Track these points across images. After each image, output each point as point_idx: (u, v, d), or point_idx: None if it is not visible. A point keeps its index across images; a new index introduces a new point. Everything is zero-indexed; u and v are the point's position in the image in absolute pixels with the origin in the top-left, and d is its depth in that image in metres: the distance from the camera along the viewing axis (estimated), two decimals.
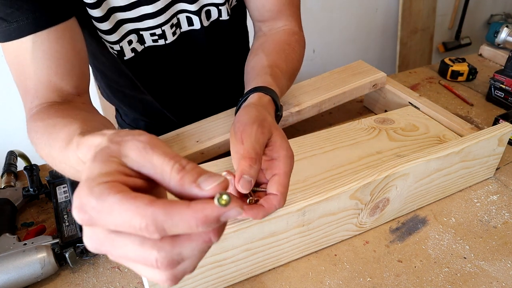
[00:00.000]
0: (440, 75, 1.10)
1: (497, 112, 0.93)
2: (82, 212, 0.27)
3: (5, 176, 0.69)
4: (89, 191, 0.27)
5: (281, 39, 0.71)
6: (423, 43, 2.53)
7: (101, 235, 0.27)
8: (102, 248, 0.28)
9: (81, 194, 0.27)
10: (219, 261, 0.50)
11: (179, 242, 0.27)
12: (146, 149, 0.29)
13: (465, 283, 0.55)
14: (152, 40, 0.68)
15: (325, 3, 2.10)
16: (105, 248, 0.28)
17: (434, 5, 2.47)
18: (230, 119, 0.73)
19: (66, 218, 0.60)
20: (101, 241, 0.27)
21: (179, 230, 0.26)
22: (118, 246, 0.27)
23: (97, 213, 0.26)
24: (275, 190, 0.43)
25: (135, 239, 0.27)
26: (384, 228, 0.64)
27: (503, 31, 1.13)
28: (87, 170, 0.28)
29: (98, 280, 0.55)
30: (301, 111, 0.76)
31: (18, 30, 0.51)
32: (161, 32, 0.67)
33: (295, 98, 0.78)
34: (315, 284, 0.55)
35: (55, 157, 0.46)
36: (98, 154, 0.29)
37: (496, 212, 0.67)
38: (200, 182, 0.28)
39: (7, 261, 0.52)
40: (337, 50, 2.32)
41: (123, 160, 0.29)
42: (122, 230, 0.26)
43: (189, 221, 0.26)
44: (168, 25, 0.67)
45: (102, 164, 0.28)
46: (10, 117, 1.59)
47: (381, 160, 0.68)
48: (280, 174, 0.44)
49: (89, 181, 0.27)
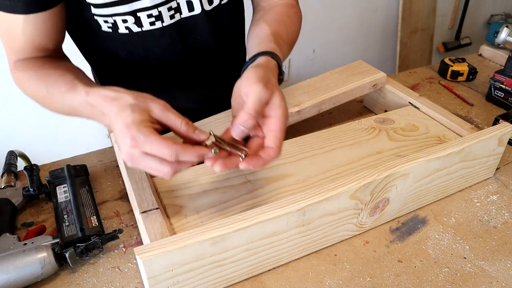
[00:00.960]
0: (440, 75, 1.10)
1: (497, 112, 0.93)
2: (133, 141, 0.46)
3: (5, 176, 0.69)
4: (138, 130, 0.46)
5: (280, 11, 0.74)
6: (423, 43, 2.53)
7: (136, 155, 0.47)
8: (135, 161, 0.48)
9: (133, 132, 0.46)
10: (219, 261, 0.50)
11: (182, 164, 0.48)
12: (165, 108, 0.50)
13: (465, 283, 0.55)
14: (149, 23, 0.68)
15: (325, 3, 2.10)
16: (137, 162, 0.47)
17: (434, 5, 2.47)
18: (229, 119, 0.73)
19: (66, 218, 0.60)
20: (136, 158, 0.47)
21: (185, 159, 0.47)
22: (147, 161, 0.47)
23: (142, 143, 0.46)
24: (272, 143, 0.51)
25: (158, 159, 0.47)
26: (384, 228, 0.64)
27: (503, 31, 1.13)
28: (129, 117, 0.47)
29: (98, 280, 0.55)
30: (301, 111, 0.76)
31: (11, 8, 0.58)
32: (158, 13, 0.67)
33: (295, 98, 0.78)
34: (315, 284, 0.55)
35: (52, 98, 0.60)
36: (135, 107, 0.48)
37: (496, 212, 0.67)
38: (196, 134, 0.50)
39: (7, 261, 0.52)
40: (337, 50, 2.32)
41: (150, 113, 0.49)
42: (154, 154, 0.46)
43: (192, 155, 0.48)
44: (166, 7, 0.67)
45: (141, 115, 0.48)
46: (10, 117, 1.59)
47: (381, 160, 0.68)
48: (276, 131, 0.51)
49: (136, 124, 0.47)
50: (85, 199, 0.64)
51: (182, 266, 0.48)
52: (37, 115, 1.61)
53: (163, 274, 0.47)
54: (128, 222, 0.64)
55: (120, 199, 0.68)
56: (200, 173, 0.64)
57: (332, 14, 2.15)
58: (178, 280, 0.49)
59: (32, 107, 1.58)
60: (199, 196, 0.60)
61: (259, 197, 0.60)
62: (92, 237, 0.57)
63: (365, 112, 0.94)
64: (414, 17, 2.41)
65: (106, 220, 0.64)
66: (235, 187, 0.61)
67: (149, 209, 0.55)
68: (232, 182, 0.62)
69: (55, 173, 0.67)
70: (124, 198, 0.68)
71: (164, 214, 0.56)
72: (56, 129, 1.69)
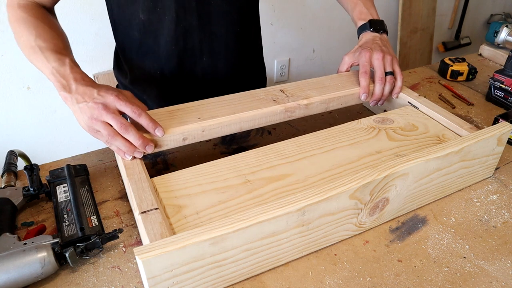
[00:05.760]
0: (440, 74, 1.10)
1: (496, 112, 0.93)
2: (120, 94, 0.64)
3: (5, 176, 0.69)
4: (122, 94, 0.64)
5: None
6: (423, 43, 2.53)
7: (111, 130, 0.62)
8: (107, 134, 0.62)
9: (124, 93, 0.66)
10: (219, 261, 0.50)
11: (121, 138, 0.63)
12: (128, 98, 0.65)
13: (464, 283, 0.55)
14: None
15: (325, 3, 2.10)
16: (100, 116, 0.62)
17: (434, 5, 2.47)
18: (234, 102, 0.75)
19: (66, 218, 0.60)
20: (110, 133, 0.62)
21: (131, 139, 0.63)
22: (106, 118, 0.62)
23: (124, 102, 0.63)
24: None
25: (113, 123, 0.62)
26: (384, 227, 0.64)
27: (503, 31, 1.13)
28: (113, 90, 0.64)
29: (98, 280, 0.55)
30: (309, 105, 0.77)
31: None
32: None
33: (304, 92, 0.79)
34: (315, 283, 0.55)
35: (36, 51, 0.68)
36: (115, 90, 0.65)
37: (495, 211, 0.67)
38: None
39: (7, 261, 0.52)
40: (337, 50, 2.32)
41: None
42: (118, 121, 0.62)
43: (137, 138, 0.63)
44: None
45: (119, 93, 0.64)
46: (10, 117, 1.59)
47: (381, 160, 0.68)
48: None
49: (121, 93, 0.64)
50: (85, 199, 0.64)
51: (182, 266, 0.48)
52: (37, 115, 1.62)
53: (163, 275, 0.47)
54: (128, 221, 0.64)
55: (120, 198, 0.68)
56: (200, 173, 0.64)
57: (332, 14, 2.15)
58: (178, 280, 0.49)
59: (32, 107, 1.59)
60: (199, 196, 0.60)
61: (259, 197, 0.60)
62: (92, 237, 0.57)
63: (364, 112, 0.94)
64: (414, 16, 2.41)
65: (106, 219, 0.64)
66: (235, 187, 0.61)
67: (148, 209, 0.55)
68: (232, 182, 0.62)
69: (55, 173, 0.67)
70: (124, 198, 0.68)
71: (164, 214, 0.56)
72: (56, 129, 1.69)
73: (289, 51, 2.15)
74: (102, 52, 1.63)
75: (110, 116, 0.61)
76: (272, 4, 1.95)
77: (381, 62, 0.79)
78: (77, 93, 0.63)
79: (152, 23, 0.83)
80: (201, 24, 0.84)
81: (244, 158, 0.67)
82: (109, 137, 0.61)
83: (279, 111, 0.75)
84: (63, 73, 0.65)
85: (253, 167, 0.65)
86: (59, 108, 1.64)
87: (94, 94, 0.63)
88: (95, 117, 0.61)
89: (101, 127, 0.61)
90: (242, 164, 0.66)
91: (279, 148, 0.69)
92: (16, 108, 1.58)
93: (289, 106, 0.75)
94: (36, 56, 0.68)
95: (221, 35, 0.88)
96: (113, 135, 0.61)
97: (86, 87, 0.64)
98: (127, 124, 0.62)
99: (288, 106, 0.75)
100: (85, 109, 0.62)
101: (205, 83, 0.93)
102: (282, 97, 0.77)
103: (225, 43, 0.89)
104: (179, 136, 0.68)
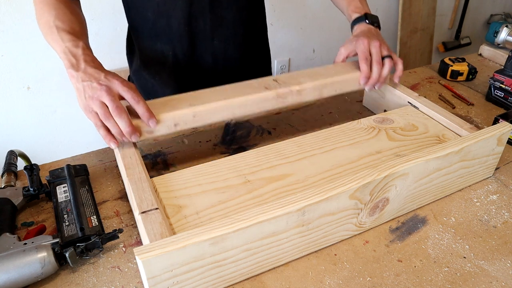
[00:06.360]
0: (440, 75, 1.10)
1: (496, 112, 0.93)
2: (125, 81, 0.65)
3: (5, 176, 0.69)
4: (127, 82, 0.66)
5: None
6: (423, 43, 2.53)
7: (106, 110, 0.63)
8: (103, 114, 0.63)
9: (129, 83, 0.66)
10: (219, 261, 0.50)
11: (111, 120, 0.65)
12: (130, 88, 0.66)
13: (464, 283, 0.55)
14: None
15: (325, 3, 2.10)
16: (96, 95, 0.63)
17: (434, 5, 2.47)
18: (227, 92, 0.74)
19: (66, 218, 0.60)
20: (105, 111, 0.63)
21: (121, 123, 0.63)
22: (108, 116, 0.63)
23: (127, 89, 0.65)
24: None
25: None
26: (384, 227, 0.64)
27: (502, 31, 1.13)
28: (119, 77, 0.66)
29: (98, 280, 0.55)
30: (302, 91, 0.76)
31: None
32: None
33: (296, 79, 0.78)
34: (315, 283, 0.55)
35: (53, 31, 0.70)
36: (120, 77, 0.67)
37: (495, 211, 0.67)
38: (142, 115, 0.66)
39: (7, 261, 0.52)
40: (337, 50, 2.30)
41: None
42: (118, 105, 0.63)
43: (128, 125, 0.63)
44: None
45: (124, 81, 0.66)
46: (10, 117, 1.59)
47: (381, 160, 0.68)
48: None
49: (127, 81, 0.66)
50: (85, 199, 0.64)
51: (182, 266, 0.48)
52: (37, 115, 1.62)
53: (163, 275, 0.47)
54: (128, 221, 0.64)
55: (120, 198, 0.68)
56: (200, 173, 0.64)
57: (332, 14, 2.15)
58: (178, 281, 0.49)
59: (32, 107, 1.59)
60: (199, 196, 0.60)
61: (259, 197, 0.60)
62: (92, 237, 0.57)
63: (364, 112, 0.94)
64: (414, 16, 2.41)
65: (106, 219, 0.64)
66: (235, 187, 0.61)
67: (148, 210, 0.55)
68: (232, 182, 0.62)
69: (55, 173, 0.67)
70: (124, 198, 0.68)
71: (164, 214, 0.56)
72: (56, 129, 1.69)
73: (289, 51, 2.15)
74: (102, 52, 1.63)
75: (110, 97, 0.62)
76: (272, 4, 1.95)
77: (378, 49, 0.80)
78: (84, 73, 0.65)
79: (166, 3, 0.84)
80: (211, 7, 0.86)
81: (244, 158, 0.67)
82: (103, 116, 0.62)
83: (271, 97, 0.74)
84: (75, 53, 0.67)
85: (253, 167, 0.65)
86: (59, 108, 1.64)
87: (101, 77, 0.64)
88: (96, 96, 0.62)
89: (98, 106, 0.62)
90: (242, 164, 0.66)
91: (279, 148, 0.69)
92: (16, 108, 1.58)
93: (281, 92, 0.75)
94: (52, 36, 0.70)
95: (230, 20, 0.90)
96: (107, 116, 0.62)
97: (95, 69, 0.65)
98: (122, 108, 0.63)
99: (280, 92, 0.75)
100: (87, 88, 0.63)
101: (215, 69, 0.94)
102: (274, 85, 0.77)
103: (233, 29, 0.92)
104: (170, 121, 0.68)
